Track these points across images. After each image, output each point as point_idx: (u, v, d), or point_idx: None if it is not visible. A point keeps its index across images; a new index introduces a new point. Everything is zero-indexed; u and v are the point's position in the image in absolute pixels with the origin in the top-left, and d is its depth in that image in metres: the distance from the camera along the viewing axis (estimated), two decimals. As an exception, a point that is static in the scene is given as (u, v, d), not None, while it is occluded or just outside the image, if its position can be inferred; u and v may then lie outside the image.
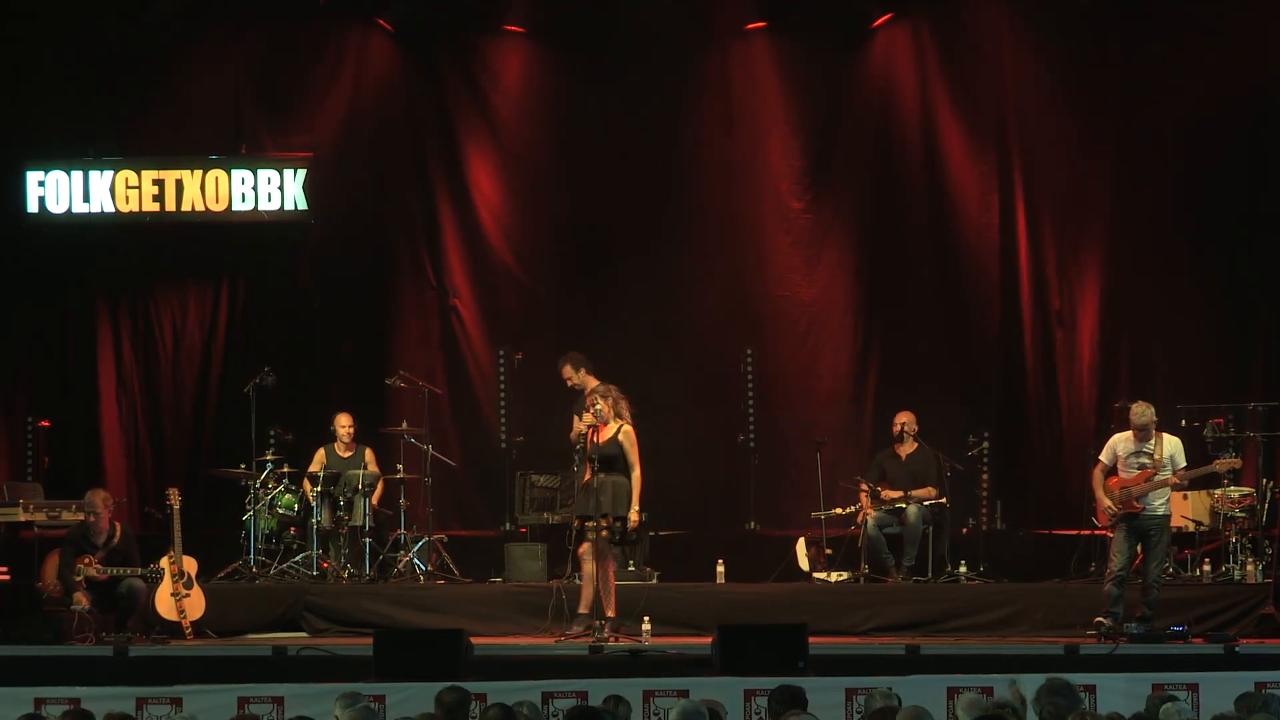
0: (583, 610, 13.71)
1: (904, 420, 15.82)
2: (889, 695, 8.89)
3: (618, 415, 13.80)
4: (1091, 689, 11.04)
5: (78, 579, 13.91)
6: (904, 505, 15.43)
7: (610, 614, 13.61)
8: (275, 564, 15.43)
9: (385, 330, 17.45)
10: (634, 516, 13.65)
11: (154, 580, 14.15)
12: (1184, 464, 13.86)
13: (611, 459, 13.68)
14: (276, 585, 15.08)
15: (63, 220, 16.91)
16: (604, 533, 13.53)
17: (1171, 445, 13.77)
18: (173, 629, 14.17)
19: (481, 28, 17.48)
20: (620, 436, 13.73)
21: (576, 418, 14.90)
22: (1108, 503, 13.74)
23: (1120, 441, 13.85)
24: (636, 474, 13.67)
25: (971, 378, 17.09)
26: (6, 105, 17.05)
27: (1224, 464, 14.41)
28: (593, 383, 15.14)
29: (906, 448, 15.85)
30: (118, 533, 14.22)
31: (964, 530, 16.14)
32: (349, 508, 15.58)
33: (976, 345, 17.15)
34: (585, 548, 13.68)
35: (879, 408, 16.65)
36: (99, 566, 13.97)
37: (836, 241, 17.33)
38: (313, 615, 14.60)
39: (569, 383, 15.40)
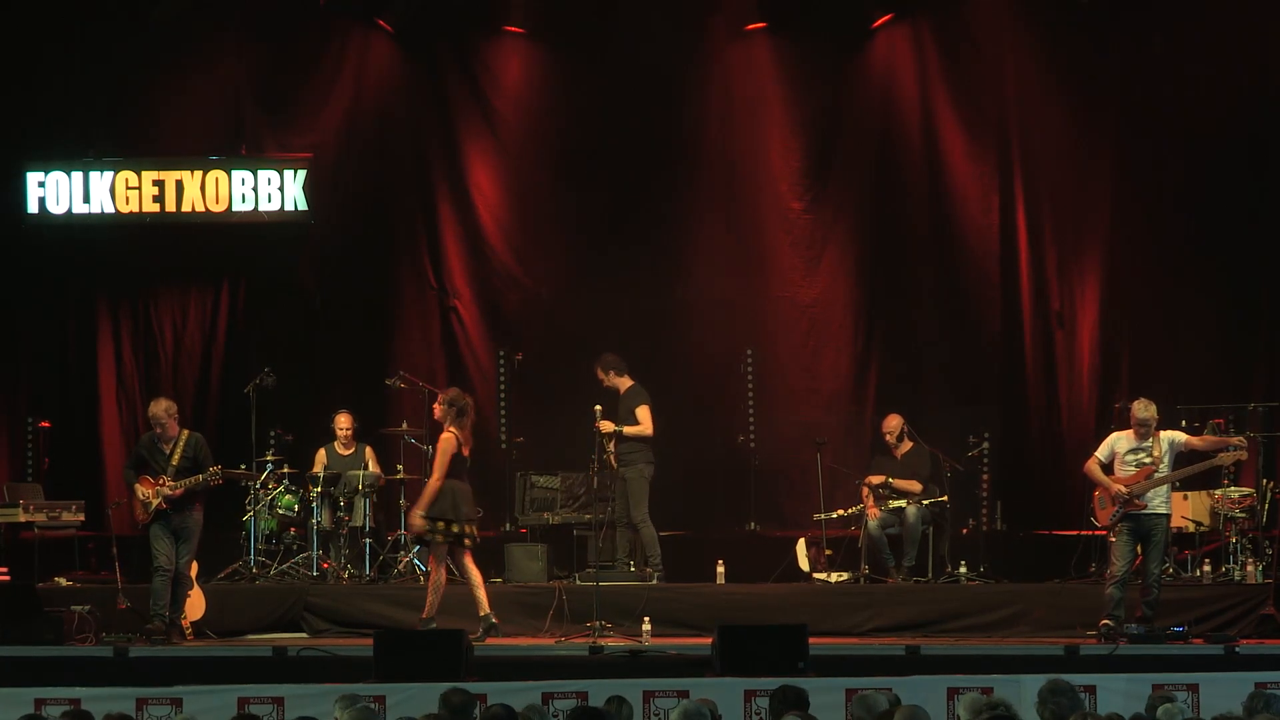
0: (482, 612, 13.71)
1: (892, 426, 15.84)
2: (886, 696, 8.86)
3: (454, 421, 13.68)
4: (1092, 689, 11.04)
5: (157, 502, 13.70)
6: (904, 505, 15.43)
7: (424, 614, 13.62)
8: (275, 564, 15.43)
9: (385, 331, 17.46)
10: (415, 521, 13.65)
11: (211, 483, 13.91)
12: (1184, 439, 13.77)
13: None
14: (277, 586, 15.09)
15: (63, 221, 16.92)
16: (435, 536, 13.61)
17: (1169, 441, 13.70)
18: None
19: (482, 28, 17.49)
20: (439, 440, 13.72)
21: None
22: (1116, 487, 13.59)
23: (1119, 439, 13.82)
24: (433, 480, 13.59)
25: (972, 378, 17.09)
26: (7, 105, 17.05)
27: (1227, 456, 14.26)
28: (626, 384, 15.19)
29: (902, 448, 15.85)
30: (182, 441, 13.94)
31: (964, 531, 16.14)
32: (349, 508, 15.59)
33: (977, 346, 17.15)
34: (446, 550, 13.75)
35: (880, 408, 16.61)
36: (172, 484, 13.77)
37: (837, 242, 17.33)
38: (313, 616, 14.59)
39: (603, 384, 15.39)
